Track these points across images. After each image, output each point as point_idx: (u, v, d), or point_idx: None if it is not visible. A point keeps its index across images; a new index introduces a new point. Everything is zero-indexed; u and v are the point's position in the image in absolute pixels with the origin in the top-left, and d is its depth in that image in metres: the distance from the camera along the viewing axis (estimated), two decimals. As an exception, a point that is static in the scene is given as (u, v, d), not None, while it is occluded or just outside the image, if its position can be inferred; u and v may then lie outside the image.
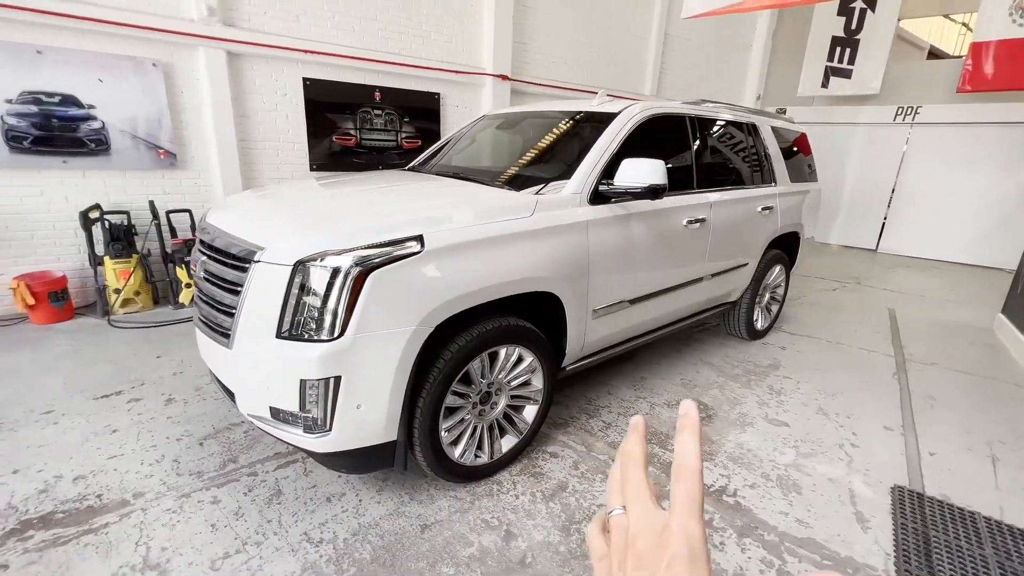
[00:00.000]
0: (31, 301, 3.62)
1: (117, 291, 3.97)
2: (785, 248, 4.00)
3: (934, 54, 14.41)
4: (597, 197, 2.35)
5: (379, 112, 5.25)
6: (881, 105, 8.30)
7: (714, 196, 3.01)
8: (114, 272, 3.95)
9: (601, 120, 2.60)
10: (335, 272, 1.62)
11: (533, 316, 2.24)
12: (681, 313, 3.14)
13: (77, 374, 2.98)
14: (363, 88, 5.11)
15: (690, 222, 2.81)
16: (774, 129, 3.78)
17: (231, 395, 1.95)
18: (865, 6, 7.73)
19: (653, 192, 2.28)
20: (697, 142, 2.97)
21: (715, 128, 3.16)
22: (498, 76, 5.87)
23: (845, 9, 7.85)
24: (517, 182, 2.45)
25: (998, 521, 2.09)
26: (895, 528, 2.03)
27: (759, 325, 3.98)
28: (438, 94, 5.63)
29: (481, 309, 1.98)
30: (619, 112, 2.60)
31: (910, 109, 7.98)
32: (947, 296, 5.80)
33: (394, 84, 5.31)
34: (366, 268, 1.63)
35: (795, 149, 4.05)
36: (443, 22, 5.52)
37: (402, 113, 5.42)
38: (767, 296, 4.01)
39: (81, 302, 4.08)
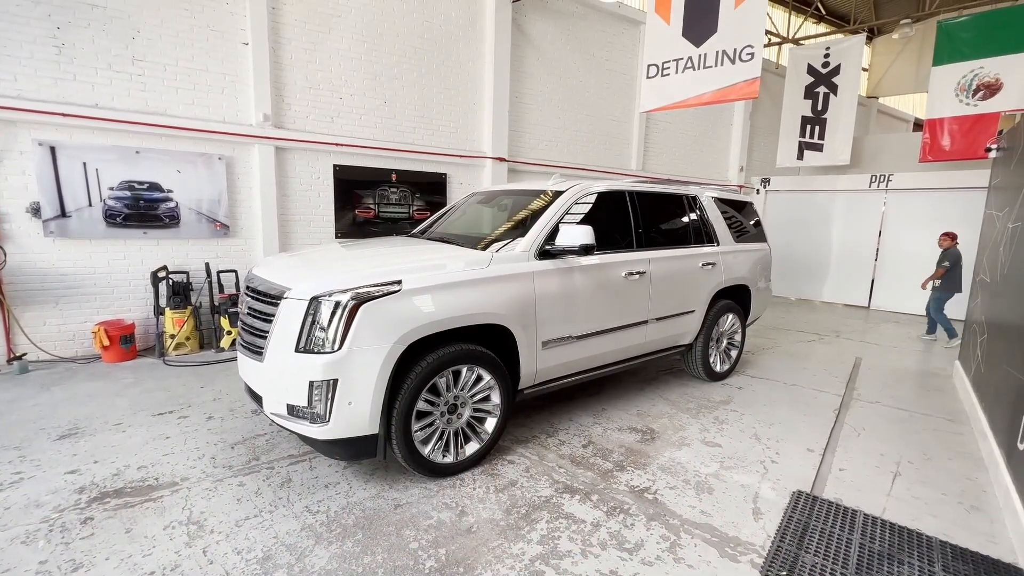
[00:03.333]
0: (106, 343, 4.47)
1: (172, 336, 4.80)
2: (738, 300, 4.57)
3: (920, 126, 15.35)
4: (544, 254, 3.06)
5: (395, 189, 6.27)
6: (859, 173, 9.04)
7: (652, 254, 3.68)
8: (172, 320, 4.81)
9: (551, 196, 3.38)
10: (337, 304, 2.34)
11: (492, 345, 2.87)
12: (633, 351, 3.70)
13: (140, 398, 3.72)
14: (382, 171, 6.17)
15: (630, 274, 3.48)
16: (719, 200, 4.51)
17: (259, 400, 2.62)
18: (828, 91, 8.71)
19: (584, 249, 2.99)
20: (636, 211, 3.69)
21: (653, 200, 3.89)
22: (496, 158, 6.92)
23: (811, 94, 8.86)
24: (484, 243, 3.19)
25: (875, 517, 2.48)
26: (783, 519, 2.45)
27: (718, 368, 4.46)
28: (445, 174, 6.67)
29: (447, 336, 2.65)
30: (565, 190, 3.38)
31: (883, 177, 8.66)
32: (921, 348, 6.11)
33: (408, 167, 6.38)
34: (359, 301, 2.35)
35: (742, 215, 4.74)
36: (450, 116, 6.67)
37: (414, 190, 6.44)
38: (724, 342, 4.52)
39: (142, 345, 4.92)
